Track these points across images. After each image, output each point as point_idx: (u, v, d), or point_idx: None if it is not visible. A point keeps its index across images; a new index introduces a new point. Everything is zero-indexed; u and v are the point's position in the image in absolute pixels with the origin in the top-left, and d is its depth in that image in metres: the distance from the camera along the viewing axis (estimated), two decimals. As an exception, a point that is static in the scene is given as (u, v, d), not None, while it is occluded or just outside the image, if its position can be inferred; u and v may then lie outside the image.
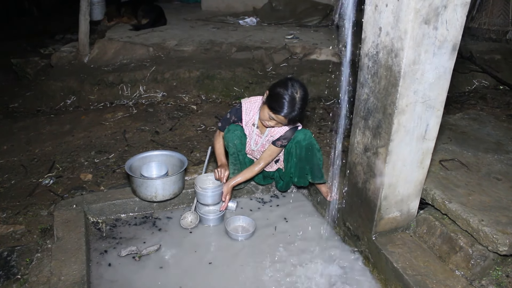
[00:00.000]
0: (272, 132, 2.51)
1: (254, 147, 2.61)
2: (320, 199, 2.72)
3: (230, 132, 2.55)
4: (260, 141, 2.58)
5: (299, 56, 5.25)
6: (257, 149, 2.62)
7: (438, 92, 1.82)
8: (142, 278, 2.17)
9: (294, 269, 2.27)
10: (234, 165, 2.65)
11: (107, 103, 4.53)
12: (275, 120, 2.31)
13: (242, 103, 2.55)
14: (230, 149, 2.59)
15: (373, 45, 1.85)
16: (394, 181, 2.01)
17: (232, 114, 2.58)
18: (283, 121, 2.29)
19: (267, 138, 2.54)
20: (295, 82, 2.25)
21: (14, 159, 3.37)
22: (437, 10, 1.62)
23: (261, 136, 2.57)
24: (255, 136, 2.58)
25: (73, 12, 5.40)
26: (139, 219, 2.64)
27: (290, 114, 2.23)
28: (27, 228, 2.46)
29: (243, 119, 2.56)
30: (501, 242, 1.83)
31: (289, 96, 2.20)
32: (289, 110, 2.22)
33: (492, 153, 2.59)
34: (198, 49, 5.33)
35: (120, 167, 3.12)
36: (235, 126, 2.57)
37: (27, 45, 6.81)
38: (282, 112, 2.23)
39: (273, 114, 2.27)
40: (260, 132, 2.56)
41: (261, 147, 2.60)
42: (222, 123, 2.63)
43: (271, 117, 2.30)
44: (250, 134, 2.59)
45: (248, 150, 2.66)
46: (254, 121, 2.53)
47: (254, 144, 2.60)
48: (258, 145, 2.60)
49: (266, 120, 2.35)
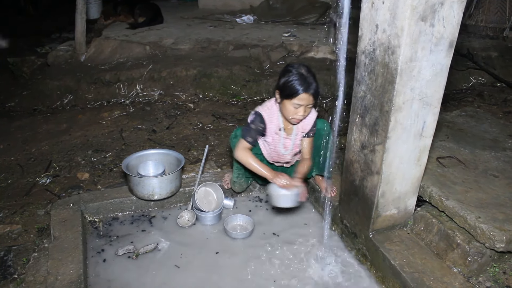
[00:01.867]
0: (300, 128, 2.42)
1: (285, 151, 2.48)
2: (317, 196, 2.72)
3: (237, 138, 2.47)
4: (291, 143, 2.45)
5: (296, 54, 5.25)
6: (289, 152, 2.49)
7: (435, 89, 1.82)
8: (139, 277, 2.17)
9: (292, 267, 2.27)
10: (239, 170, 2.61)
11: (104, 102, 4.52)
12: (301, 104, 2.19)
13: (261, 112, 2.37)
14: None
15: (369, 42, 1.85)
16: (391, 178, 2.01)
17: (256, 122, 2.37)
18: (308, 99, 2.18)
19: (297, 137, 2.45)
20: (293, 64, 2.23)
21: (10, 158, 3.36)
22: (433, 7, 1.61)
23: (289, 138, 2.44)
24: (283, 140, 2.44)
25: (69, 11, 5.38)
26: (136, 218, 2.63)
27: (309, 88, 2.15)
28: (24, 228, 2.45)
29: (267, 127, 2.40)
30: (498, 239, 1.83)
31: (297, 74, 2.16)
32: (306, 85, 2.14)
33: (489, 150, 2.59)
34: (195, 48, 5.32)
35: (117, 166, 3.11)
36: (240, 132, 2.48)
37: (24, 44, 6.77)
38: (300, 90, 2.14)
39: (296, 100, 2.17)
40: (287, 134, 2.43)
41: (294, 147, 2.48)
42: (249, 135, 2.37)
43: (296, 104, 2.19)
44: (274, 141, 2.45)
45: (275, 157, 2.54)
46: (280, 125, 2.39)
47: (284, 148, 2.47)
48: (289, 147, 2.46)
49: (294, 114, 2.23)
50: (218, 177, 2.86)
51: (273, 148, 2.49)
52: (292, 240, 2.48)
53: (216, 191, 2.70)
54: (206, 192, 2.70)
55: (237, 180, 2.69)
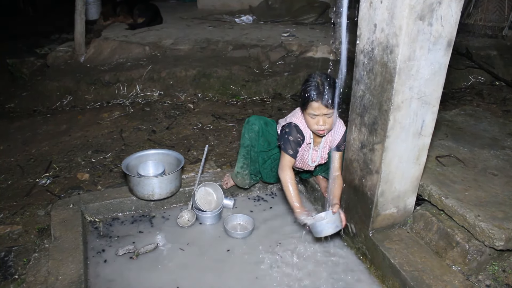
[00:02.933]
0: (329, 142, 2.37)
1: (312, 163, 2.44)
2: (317, 195, 2.73)
3: (249, 124, 2.44)
4: (318, 155, 2.41)
5: (295, 54, 5.25)
6: (316, 164, 2.46)
7: (433, 88, 1.83)
8: (139, 277, 2.17)
9: (292, 266, 2.27)
10: (245, 158, 2.55)
11: (103, 103, 4.52)
12: (316, 114, 2.13)
13: (296, 123, 2.29)
14: (245, 140, 2.49)
15: (368, 41, 1.85)
16: (391, 177, 2.01)
17: (292, 133, 2.27)
18: (320, 109, 2.10)
19: (325, 150, 2.41)
20: (314, 74, 2.17)
21: (10, 159, 3.36)
22: (431, 6, 1.62)
23: (317, 149, 2.40)
24: (312, 152, 2.40)
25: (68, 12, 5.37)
26: (136, 218, 2.64)
27: (320, 97, 2.07)
28: (24, 228, 2.45)
29: (305, 137, 2.32)
30: (497, 237, 1.83)
31: (314, 82, 2.11)
32: (317, 94, 2.08)
33: (488, 148, 2.60)
34: (194, 48, 5.32)
35: (117, 166, 3.12)
36: (255, 119, 2.45)
37: (23, 45, 6.77)
38: (311, 99, 2.09)
39: (310, 110, 2.13)
40: (315, 146, 2.39)
41: (321, 159, 2.44)
42: (291, 149, 2.27)
43: (312, 114, 2.14)
44: (303, 151, 2.39)
45: (299, 165, 2.49)
46: (311, 135, 2.34)
47: (312, 161, 2.43)
48: (317, 159, 2.43)
49: (314, 125, 2.18)
50: (218, 177, 2.87)
51: (300, 157, 2.42)
52: (291, 239, 2.48)
53: (216, 191, 2.71)
54: (206, 192, 2.70)
55: (240, 171, 2.63)
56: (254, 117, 2.49)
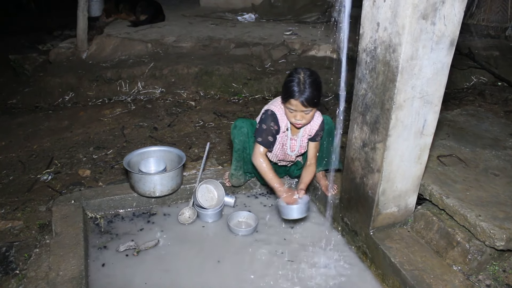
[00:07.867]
0: (307, 131, 2.42)
1: (291, 152, 2.48)
2: (318, 194, 2.73)
3: (237, 128, 2.47)
4: (297, 144, 2.46)
5: (297, 52, 5.25)
6: (295, 153, 2.50)
7: (435, 88, 1.83)
8: (140, 273, 2.17)
9: (293, 263, 2.28)
10: (238, 161, 2.61)
11: (105, 99, 4.53)
12: (295, 110, 2.17)
13: (273, 110, 2.34)
14: (236, 145, 2.53)
15: (371, 40, 1.85)
16: (392, 176, 2.01)
17: (269, 122, 2.33)
18: (298, 106, 2.15)
19: (304, 139, 2.45)
20: (299, 69, 2.20)
21: (12, 155, 3.37)
22: (435, 5, 1.62)
23: (295, 139, 2.44)
24: (289, 141, 2.45)
25: (71, 8, 5.37)
26: (137, 214, 2.64)
27: (300, 95, 2.11)
28: (26, 224, 2.46)
29: (280, 126, 2.37)
30: (498, 237, 1.83)
31: (296, 79, 2.13)
32: (298, 91, 2.11)
33: (489, 149, 2.60)
34: (196, 45, 5.33)
35: (118, 163, 3.12)
36: (242, 122, 2.47)
37: (25, 41, 6.79)
38: (293, 95, 2.12)
39: (288, 105, 2.17)
40: (293, 135, 2.43)
41: (300, 149, 2.48)
42: (261, 137, 2.33)
43: (290, 109, 2.18)
44: (282, 140, 2.44)
45: (280, 156, 2.53)
46: (287, 124, 2.38)
47: (291, 150, 2.47)
48: (296, 149, 2.47)
49: (292, 117, 2.23)
50: (219, 175, 2.87)
51: (280, 147, 2.47)
52: (294, 237, 2.48)
53: (217, 188, 2.71)
54: (207, 189, 2.71)
55: (234, 172, 2.68)
56: (240, 120, 2.51)
